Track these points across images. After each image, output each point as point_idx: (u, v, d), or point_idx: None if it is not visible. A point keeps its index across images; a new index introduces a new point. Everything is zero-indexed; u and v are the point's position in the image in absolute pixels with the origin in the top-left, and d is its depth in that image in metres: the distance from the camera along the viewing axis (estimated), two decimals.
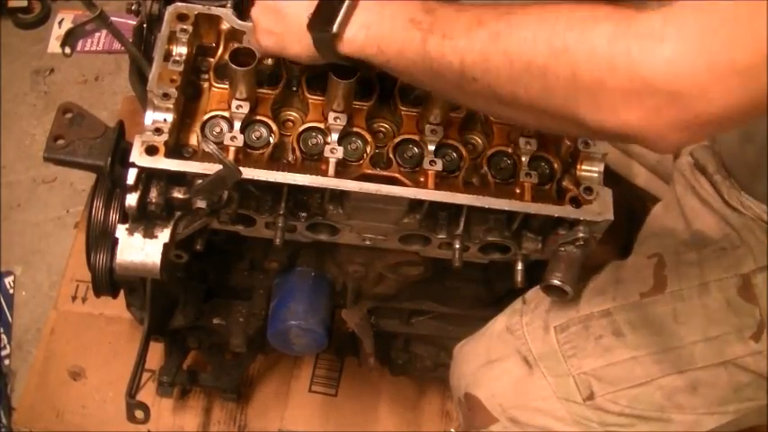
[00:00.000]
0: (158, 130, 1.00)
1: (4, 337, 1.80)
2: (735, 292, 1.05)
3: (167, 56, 1.05)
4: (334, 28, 0.88)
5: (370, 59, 0.89)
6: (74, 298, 1.76)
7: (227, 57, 1.04)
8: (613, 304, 1.09)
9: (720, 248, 1.08)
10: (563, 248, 1.06)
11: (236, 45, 1.10)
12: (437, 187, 1.04)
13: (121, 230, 1.01)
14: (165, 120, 1.01)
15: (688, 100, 0.65)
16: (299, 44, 0.95)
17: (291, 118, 1.12)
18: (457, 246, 1.08)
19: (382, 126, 1.13)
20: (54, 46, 2.21)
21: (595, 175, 1.07)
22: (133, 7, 1.17)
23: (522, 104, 0.77)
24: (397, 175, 1.07)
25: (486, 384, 1.13)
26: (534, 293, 1.16)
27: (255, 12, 1.00)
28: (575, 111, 0.72)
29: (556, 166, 1.09)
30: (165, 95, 1.01)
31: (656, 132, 0.69)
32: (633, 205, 1.32)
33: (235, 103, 1.05)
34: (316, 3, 0.91)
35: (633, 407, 1.06)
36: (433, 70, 0.83)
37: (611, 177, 1.11)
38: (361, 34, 0.89)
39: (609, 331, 1.08)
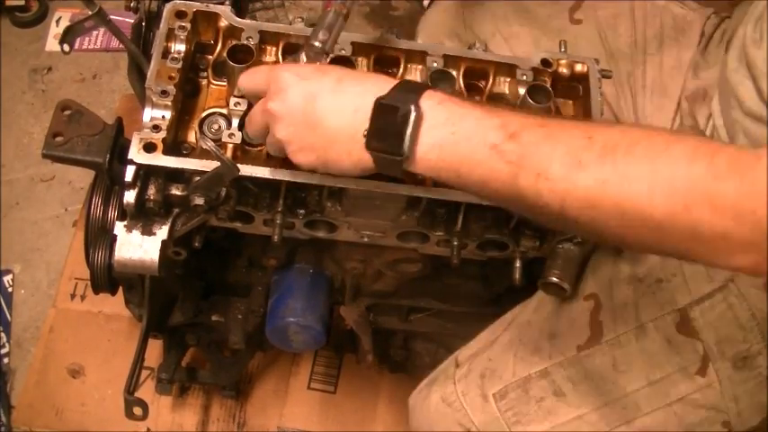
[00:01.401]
0: (156, 128, 1.00)
1: (3, 335, 1.79)
2: (673, 330, 1.03)
3: (166, 53, 1.05)
4: (405, 150, 0.79)
5: (443, 180, 0.81)
6: (72, 296, 1.76)
7: (225, 54, 1.04)
8: (550, 362, 1.07)
9: (657, 281, 1.05)
10: (561, 246, 1.07)
11: (234, 42, 1.10)
12: (435, 184, 1.04)
13: (120, 227, 1.02)
14: (163, 117, 1.01)
15: None
16: (348, 158, 0.84)
17: None
18: (455, 243, 1.08)
19: None
20: (52, 44, 2.20)
21: None
22: (132, 5, 1.17)
23: (632, 243, 0.76)
24: None
25: None
26: (466, 354, 1.15)
27: (282, 130, 0.86)
28: (689, 256, 0.72)
29: None
30: (164, 93, 1.01)
31: (765, 271, 0.69)
32: None
33: (233, 100, 1.05)
34: (365, 113, 0.81)
35: None
36: (524, 204, 0.77)
37: None
38: (434, 154, 0.79)
39: (549, 392, 1.06)
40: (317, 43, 0.95)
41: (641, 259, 1.07)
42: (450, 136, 0.79)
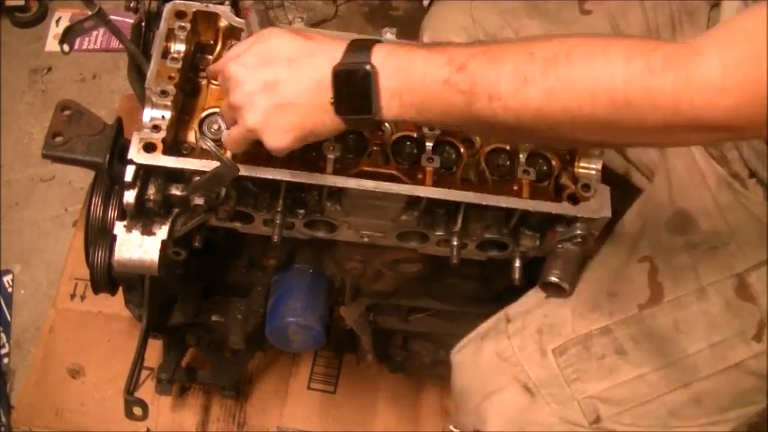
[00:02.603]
0: (156, 128, 1.00)
1: (3, 335, 1.79)
2: (733, 294, 1.03)
3: (165, 53, 1.05)
4: (374, 109, 0.85)
5: (410, 121, 0.90)
6: (72, 296, 1.76)
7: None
8: (612, 320, 1.06)
9: (711, 248, 1.05)
10: (561, 245, 1.06)
11: (234, 42, 1.10)
12: (435, 184, 1.05)
13: (120, 227, 1.02)
14: (163, 117, 1.01)
15: (748, 131, 0.74)
16: (323, 125, 0.88)
17: None
18: (455, 243, 1.08)
19: None
20: (51, 44, 2.20)
21: (593, 172, 1.07)
22: (131, 5, 1.18)
23: (587, 141, 0.85)
24: (394, 172, 1.07)
25: (492, 419, 1.09)
26: (517, 310, 1.14)
27: (251, 118, 0.88)
28: (643, 144, 0.83)
29: (554, 163, 1.10)
30: (164, 93, 1.01)
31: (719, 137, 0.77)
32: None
33: None
34: (327, 83, 0.85)
35: (638, 424, 1.05)
36: (483, 125, 0.83)
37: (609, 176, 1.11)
38: (395, 103, 0.85)
39: (611, 350, 1.06)
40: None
41: (693, 229, 1.07)
42: (405, 82, 0.84)
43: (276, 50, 0.89)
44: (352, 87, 0.84)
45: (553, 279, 1.05)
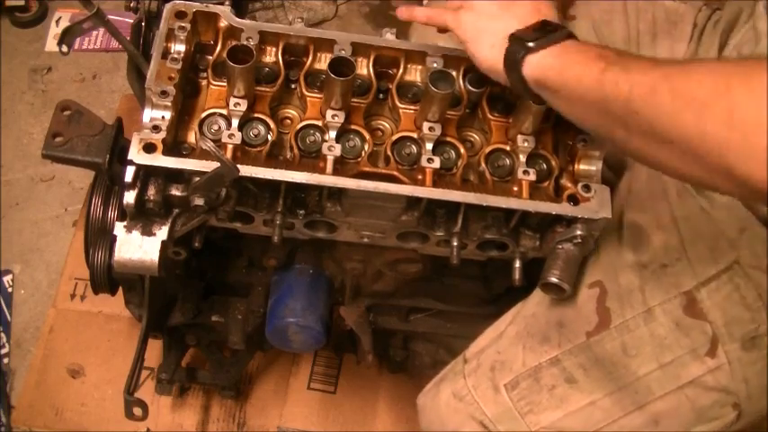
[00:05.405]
0: (156, 128, 1.00)
1: (3, 335, 1.80)
2: (681, 312, 1.03)
3: (165, 53, 1.05)
4: (532, 43, 0.94)
5: (545, 83, 0.94)
6: (72, 296, 1.77)
7: (225, 54, 1.04)
8: (560, 350, 1.07)
9: (661, 266, 1.05)
10: (561, 246, 1.06)
11: (234, 43, 1.10)
12: (435, 185, 1.05)
13: (120, 228, 1.02)
14: (163, 117, 1.01)
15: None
16: (489, 49, 1.00)
17: (289, 115, 1.12)
18: (455, 243, 1.08)
19: (380, 123, 1.13)
20: (51, 44, 2.21)
21: (593, 172, 1.07)
22: (131, 5, 1.18)
23: (676, 143, 0.80)
24: (394, 172, 1.07)
25: None
26: (473, 350, 1.15)
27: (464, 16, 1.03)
28: (726, 155, 0.74)
29: (554, 163, 1.10)
30: (164, 93, 1.01)
31: None
32: None
33: (233, 100, 1.05)
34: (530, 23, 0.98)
35: None
36: (601, 100, 0.87)
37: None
38: (549, 60, 0.94)
39: (561, 380, 1.07)
40: None
41: (644, 246, 1.07)
42: (573, 54, 0.93)
43: None
44: (542, 29, 0.96)
45: (553, 280, 1.05)
